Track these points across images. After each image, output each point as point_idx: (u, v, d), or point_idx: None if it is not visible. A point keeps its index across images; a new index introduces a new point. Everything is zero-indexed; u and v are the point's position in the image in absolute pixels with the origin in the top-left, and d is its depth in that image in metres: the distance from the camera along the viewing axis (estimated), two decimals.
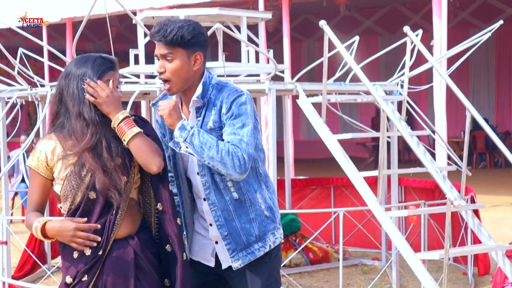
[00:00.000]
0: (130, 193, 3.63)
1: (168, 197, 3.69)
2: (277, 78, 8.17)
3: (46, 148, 3.59)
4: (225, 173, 3.61)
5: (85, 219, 3.49)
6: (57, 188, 3.60)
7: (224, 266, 3.88)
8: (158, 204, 3.69)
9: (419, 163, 6.05)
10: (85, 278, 3.54)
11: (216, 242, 3.86)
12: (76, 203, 3.55)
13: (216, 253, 3.89)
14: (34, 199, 3.63)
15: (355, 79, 7.35)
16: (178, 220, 3.71)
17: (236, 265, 3.80)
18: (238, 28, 7.48)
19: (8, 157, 11.33)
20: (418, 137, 6.70)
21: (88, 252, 3.53)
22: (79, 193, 3.53)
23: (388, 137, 7.35)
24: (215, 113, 3.70)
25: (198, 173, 3.78)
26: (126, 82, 7.57)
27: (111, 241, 3.57)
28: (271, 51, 7.66)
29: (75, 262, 3.56)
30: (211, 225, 3.83)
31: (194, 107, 3.76)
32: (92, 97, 3.52)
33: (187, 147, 3.60)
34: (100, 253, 3.53)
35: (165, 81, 3.70)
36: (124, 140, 3.56)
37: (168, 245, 3.69)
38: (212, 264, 3.90)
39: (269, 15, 7.99)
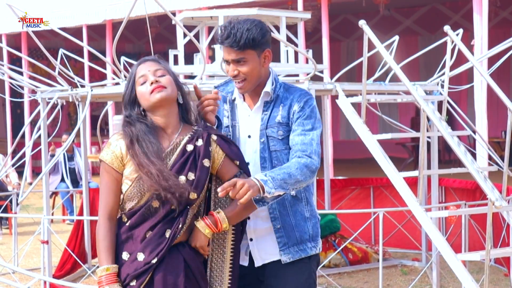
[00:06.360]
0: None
1: None
2: (316, 78, 8.15)
3: (121, 144, 3.52)
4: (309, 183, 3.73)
5: None
6: (123, 187, 3.53)
7: (257, 264, 3.85)
8: None
9: (459, 163, 5.99)
10: (133, 283, 3.45)
11: (251, 239, 3.84)
12: (139, 205, 3.49)
13: (250, 252, 3.86)
14: (108, 202, 3.51)
15: (395, 79, 7.31)
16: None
17: (285, 258, 3.80)
18: (277, 28, 7.47)
19: (52, 155, 11.48)
20: (459, 137, 6.65)
21: (140, 257, 3.46)
22: (144, 197, 3.47)
23: (428, 137, 7.30)
24: (283, 109, 3.79)
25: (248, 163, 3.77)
26: None
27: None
28: (310, 51, 7.64)
29: (125, 265, 3.48)
30: (249, 218, 3.78)
31: (263, 100, 3.83)
32: None
33: (276, 194, 3.55)
34: (154, 261, 3.44)
35: (241, 80, 3.75)
36: None
37: None
38: (246, 263, 3.86)
39: (308, 15, 7.97)
